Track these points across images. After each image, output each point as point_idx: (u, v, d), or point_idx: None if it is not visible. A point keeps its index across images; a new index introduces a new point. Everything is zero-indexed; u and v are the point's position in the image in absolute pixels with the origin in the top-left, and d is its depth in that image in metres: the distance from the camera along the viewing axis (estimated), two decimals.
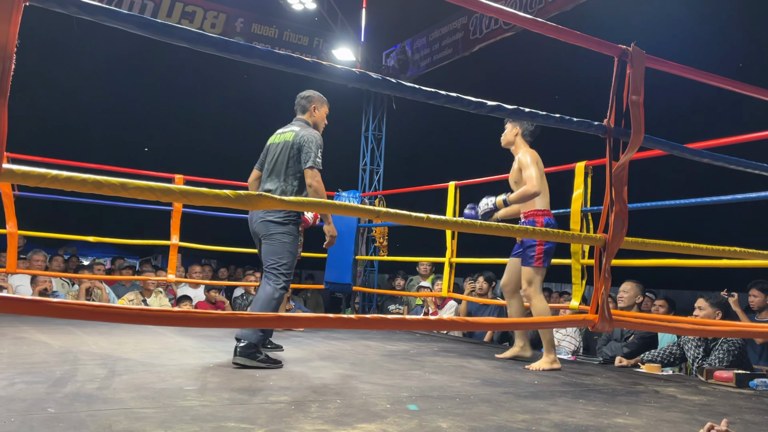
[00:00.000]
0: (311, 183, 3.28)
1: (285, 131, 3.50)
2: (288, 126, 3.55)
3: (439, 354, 3.97)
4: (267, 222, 3.31)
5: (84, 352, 3.16)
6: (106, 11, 1.28)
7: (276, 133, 3.57)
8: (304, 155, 3.32)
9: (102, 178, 1.26)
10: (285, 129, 3.53)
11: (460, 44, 7.39)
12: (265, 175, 3.49)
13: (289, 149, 3.38)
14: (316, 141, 3.37)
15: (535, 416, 2.18)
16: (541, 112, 1.84)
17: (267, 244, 3.32)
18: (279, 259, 3.27)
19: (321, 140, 3.42)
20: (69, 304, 1.34)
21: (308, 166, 3.30)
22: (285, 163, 3.37)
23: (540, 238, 1.74)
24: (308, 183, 3.29)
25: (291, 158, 3.36)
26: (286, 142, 3.42)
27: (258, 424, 1.88)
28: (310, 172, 3.30)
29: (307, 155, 3.32)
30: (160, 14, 7.17)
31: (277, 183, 3.39)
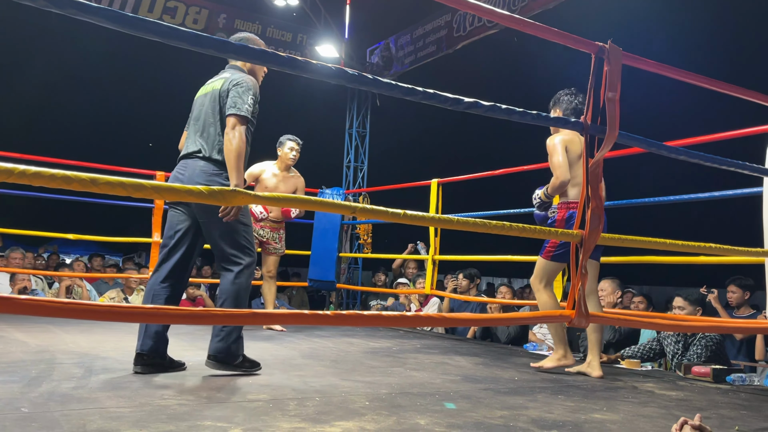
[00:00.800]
0: (228, 131, 2.67)
1: (213, 80, 2.94)
2: (218, 75, 2.95)
3: (421, 351, 3.97)
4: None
5: (62, 351, 3.12)
6: (75, 4, 1.26)
7: (204, 85, 2.99)
8: (230, 100, 2.71)
9: (71, 174, 1.24)
10: (214, 78, 2.95)
11: (444, 41, 7.39)
12: (189, 133, 2.88)
13: (217, 99, 2.78)
14: (248, 86, 2.76)
15: (513, 412, 2.19)
16: (518, 109, 1.84)
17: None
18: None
19: (257, 89, 2.84)
20: (42, 301, 1.32)
21: (231, 112, 2.68)
22: (212, 116, 2.78)
23: (516, 234, 1.74)
24: (227, 131, 2.67)
25: (221, 109, 2.76)
26: (214, 91, 2.82)
27: (235, 422, 1.86)
28: (232, 119, 2.67)
29: (233, 100, 2.70)
30: (141, 9, 7.10)
31: (200, 143, 2.78)
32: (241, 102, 2.70)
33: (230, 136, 2.66)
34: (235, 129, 2.67)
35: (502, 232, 1.75)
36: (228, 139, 2.67)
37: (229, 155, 2.66)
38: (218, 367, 2.70)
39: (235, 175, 2.64)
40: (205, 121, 2.80)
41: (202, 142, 2.77)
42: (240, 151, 2.66)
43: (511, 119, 1.84)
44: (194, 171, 2.74)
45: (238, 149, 2.65)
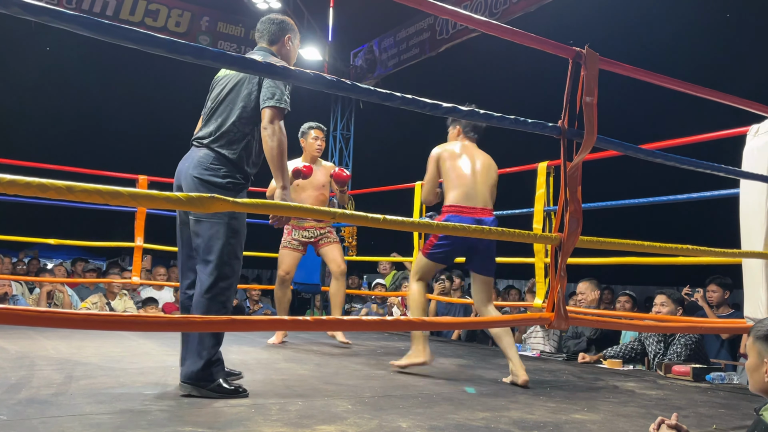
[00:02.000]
0: (267, 126, 2.38)
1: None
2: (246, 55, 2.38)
3: (405, 353, 3.97)
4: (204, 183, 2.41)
5: (42, 357, 3.09)
6: (49, 11, 1.25)
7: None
8: (266, 90, 2.39)
9: (47, 182, 1.24)
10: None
11: (427, 44, 7.42)
12: (204, 116, 2.57)
13: (245, 84, 2.46)
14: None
15: (494, 414, 2.21)
16: (496, 114, 1.86)
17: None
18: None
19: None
20: (18, 310, 1.31)
21: (269, 104, 2.37)
22: (234, 102, 2.46)
23: (494, 237, 1.75)
24: (263, 126, 2.39)
25: (245, 97, 2.45)
26: (238, 74, 2.48)
27: (216, 428, 1.86)
28: (271, 112, 2.38)
29: (270, 90, 2.38)
30: (122, 12, 7.05)
31: (211, 128, 2.47)
32: (280, 93, 2.39)
33: (269, 132, 2.37)
34: (274, 123, 2.38)
35: (481, 236, 1.76)
36: (267, 135, 2.38)
37: (272, 153, 2.38)
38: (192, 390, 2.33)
39: (280, 176, 2.39)
40: (223, 106, 2.48)
41: (212, 128, 2.47)
42: (284, 148, 2.40)
43: (489, 124, 1.86)
44: (192, 161, 2.45)
45: (281, 145, 2.39)
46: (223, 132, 2.44)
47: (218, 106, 2.49)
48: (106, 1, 6.92)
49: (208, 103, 2.58)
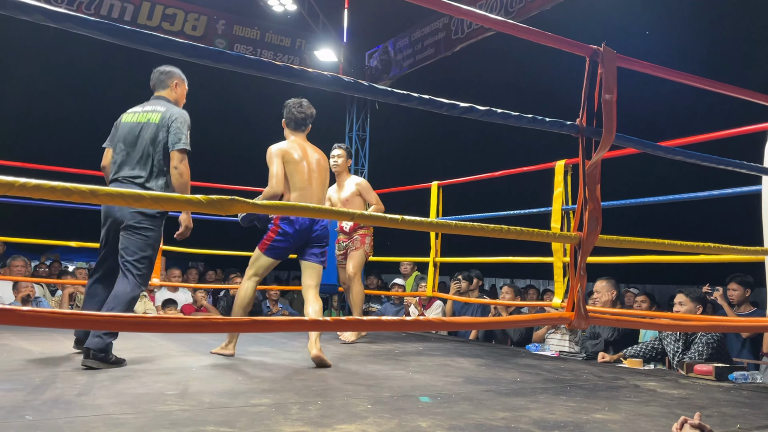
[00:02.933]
0: (177, 166, 3.02)
1: (147, 110, 3.16)
2: (149, 104, 3.20)
3: (423, 353, 3.98)
4: (138, 212, 3.01)
5: (64, 359, 3.14)
6: (72, 18, 1.27)
7: (132, 111, 3.21)
8: (173, 136, 3.04)
9: (71, 186, 1.26)
10: (146, 108, 3.18)
11: (442, 44, 7.41)
12: (120, 157, 3.11)
13: (155, 132, 3.07)
14: (184, 119, 3.12)
15: (515, 414, 2.20)
16: (514, 113, 1.85)
17: (132, 235, 3.03)
18: (143, 253, 3.03)
19: (189, 120, 3.16)
20: (41, 312, 1.33)
21: (178, 148, 3.03)
22: (152, 147, 3.06)
23: (513, 237, 1.75)
24: (174, 165, 3.02)
25: (159, 142, 3.06)
26: (150, 123, 3.09)
27: (237, 427, 1.88)
28: (179, 154, 3.03)
29: (176, 136, 3.04)
30: (140, 17, 7.13)
31: (140, 170, 3.06)
32: (185, 137, 3.08)
33: (180, 170, 3.03)
34: (183, 162, 3.05)
35: (500, 235, 1.76)
36: (179, 172, 3.03)
37: (183, 187, 3.05)
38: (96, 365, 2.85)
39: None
40: (145, 152, 3.08)
41: (140, 171, 3.07)
42: (188, 181, 3.08)
43: (507, 123, 1.86)
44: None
45: (187, 179, 3.06)
46: (150, 172, 3.08)
47: (143, 153, 3.08)
48: (124, 6, 7.00)
49: (123, 146, 3.12)
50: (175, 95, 3.30)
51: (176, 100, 3.29)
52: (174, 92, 3.30)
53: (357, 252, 4.62)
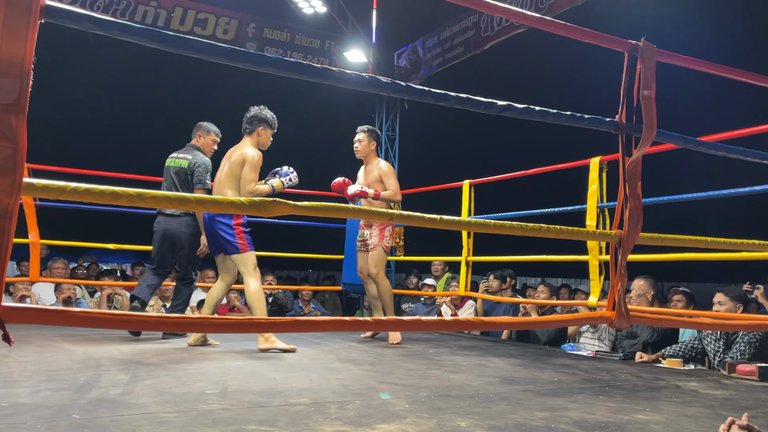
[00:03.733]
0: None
1: (179, 157, 4.39)
2: (182, 152, 4.43)
3: (457, 353, 3.97)
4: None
5: (106, 358, 3.21)
6: (120, 26, 1.31)
7: (171, 157, 4.42)
8: (196, 177, 4.30)
9: (119, 189, 1.29)
10: (179, 155, 4.41)
11: (472, 42, 7.37)
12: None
13: (185, 174, 4.33)
14: (205, 166, 4.33)
15: (554, 414, 2.18)
16: (552, 110, 1.84)
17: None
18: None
19: (209, 164, 4.37)
20: (92, 313, 1.37)
21: (198, 186, 4.27)
22: (184, 186, 4.30)
23: (552, 236, 1.73)
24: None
25: (189, 181, 4.32)
26: (182, 168, 4.33)
27: (278, 426, 1.90)
28: (201, 191, 4.26)
29: (198, 178, 4.29)
30: (173, 22, 7.24)
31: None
32: (204, 178, 4.31)
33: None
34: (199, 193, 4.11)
35: (539, 234, 1.75)
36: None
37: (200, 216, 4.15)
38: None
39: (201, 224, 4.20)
40: (180, 190, 4.27)
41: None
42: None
43: (545, 121, 1.84)
44: (182, 221, 4.35)
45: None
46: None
47: (181, 187, 4.31)
48: (157, 12, 7.13)
49: (164, 183, 4.44)
50: (199, 143, 4.49)
51: (203, 147, 4.48)
52: (198, 141, 4.50)
53: (375, 252, 4.46)
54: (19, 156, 1.18)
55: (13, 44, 1.18)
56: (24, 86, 1.20)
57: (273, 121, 4.08)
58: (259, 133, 4.02)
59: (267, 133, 4.05)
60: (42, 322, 1.24)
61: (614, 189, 3.77)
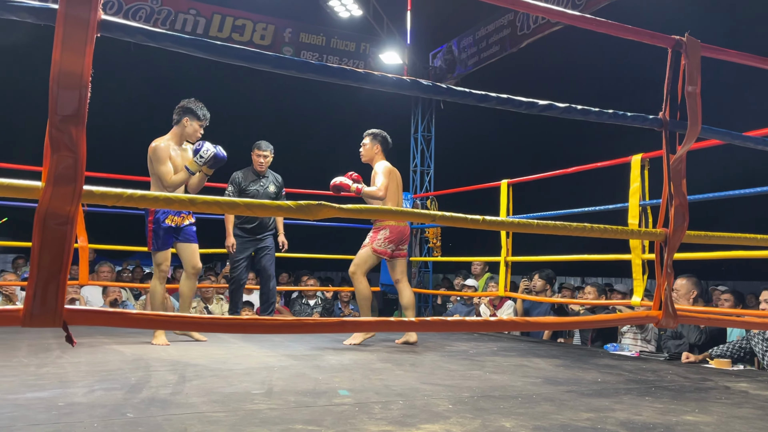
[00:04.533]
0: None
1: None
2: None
3: (498, 353, 3.96)
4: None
5: (155, 359, 3.30)
6: (171, 37, 1.35)
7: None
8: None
9: (173, 195, 1.33)
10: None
11: (508, 41, 7.33)
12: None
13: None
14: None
15: (600, 414, 2.16)
16: (594, 109, 1.83)
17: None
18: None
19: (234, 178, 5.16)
20: (146, 315, 1.42)
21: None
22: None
23: (596, 235, 1.72)
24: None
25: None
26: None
27: (324, 425, 1.93)
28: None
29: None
30: (212, 29, 7.39)
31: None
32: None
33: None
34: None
35: (583, 233, 1.74)
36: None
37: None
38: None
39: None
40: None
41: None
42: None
43: (587, 119, 1.83)
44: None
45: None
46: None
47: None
48: (196, 20, 7.28)
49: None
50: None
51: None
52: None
53: (361, 250, 4.36)
54: (79, 165, 1.24)
55: (73, 58, 1.24)
56: (83, 98, 1.26)
57: (200, 112, 4.01)
58: (185, 124, 3.99)
59: (194, 125, 3.99)
60: (101, 323, 1.29)
61: (656, 187, 3.71)
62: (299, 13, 8.17)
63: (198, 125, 4.02)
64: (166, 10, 7.13)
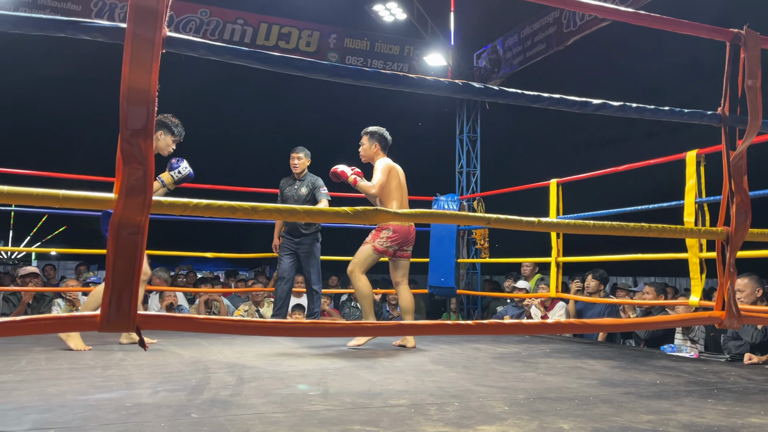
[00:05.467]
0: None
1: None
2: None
3: (551, 355, 3.91)
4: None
5: (212, 362, 3.39)
6: (230, 50, 1.40)
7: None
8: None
9: (236, 204, 1.38)
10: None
11: (554, 39, 7.24)
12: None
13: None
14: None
15: (660, 417, 2.12)
16: (649, 106, 1.80)
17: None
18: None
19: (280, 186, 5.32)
20: (214, 320, 1.47)
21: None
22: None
23: (654, 235, 1.69)
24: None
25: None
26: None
27: (382, 426, 1.95)
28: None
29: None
30: (258, 38, 7.55)
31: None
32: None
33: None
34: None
35: (640, 233, 1.72)
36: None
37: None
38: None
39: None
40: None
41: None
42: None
43: (642, 117, 1.81)
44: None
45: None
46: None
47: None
48: (243, 29, 7.45)
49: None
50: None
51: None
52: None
53: (361, 247, 4.27)
54: (148, 177, 1.30)
55: (140, 74, 1.30)
56: (150, 112, 1.31)
57: (174, 129, 4.11)
58: (158, 138, 4.06)
59: (166, 139, 4.08)
60: (171, 328, 1.35)
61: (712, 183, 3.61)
62: (343, 18, 8.27)
63: (171, 140, 4.13)
64: (215, 21, 7.31)
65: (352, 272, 4.20)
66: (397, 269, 4.33)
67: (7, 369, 2.98)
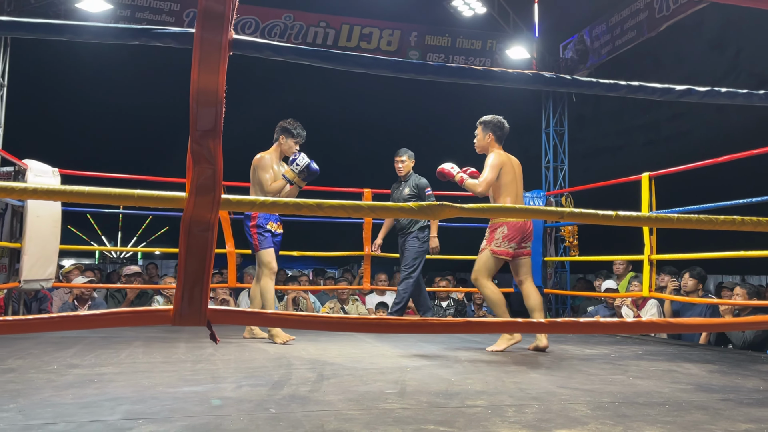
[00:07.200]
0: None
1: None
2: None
3: (643, 357, 3.72)
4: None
5: (296, 358, 3.47)
6: (293, 50, 1.42)
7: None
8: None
9: (301, 201, 1.40)
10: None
11: (645, 25, 6.88)
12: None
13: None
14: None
15: (761, 426, 1.96)
16: (741, 91, 1.66)
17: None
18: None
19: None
20: (280, 314, 1.49)
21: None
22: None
23: (750, 229, 1.55)
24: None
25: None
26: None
27: (456, 427, 1.92)
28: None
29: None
30: (341, 40, 7.67)
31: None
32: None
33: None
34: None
35: (732, 227, 1.59)
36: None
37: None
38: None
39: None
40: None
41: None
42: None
43: (733, 102, 1.67)
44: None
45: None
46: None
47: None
48: (326, 32, 7.60)
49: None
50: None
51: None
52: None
53: (480, 255, 4.10)
54: (217, 176, 1.33)
55: (209, 77, 1.34)
56: (218, 113, 1.35)
57: (294, 131, 4.42)
58: (281, 142, 4.44)
59: (288, 141, 4.42)
60: (241, 323, 1.39)
61: None
62: (424, 16, 8.25)
63: (293, 142, 4.45)
64: (299, 25, 7.50)
65: (477, 280, 4.04)
66: (519, 268, 4.11)
67: (107, 361, 3.18)
